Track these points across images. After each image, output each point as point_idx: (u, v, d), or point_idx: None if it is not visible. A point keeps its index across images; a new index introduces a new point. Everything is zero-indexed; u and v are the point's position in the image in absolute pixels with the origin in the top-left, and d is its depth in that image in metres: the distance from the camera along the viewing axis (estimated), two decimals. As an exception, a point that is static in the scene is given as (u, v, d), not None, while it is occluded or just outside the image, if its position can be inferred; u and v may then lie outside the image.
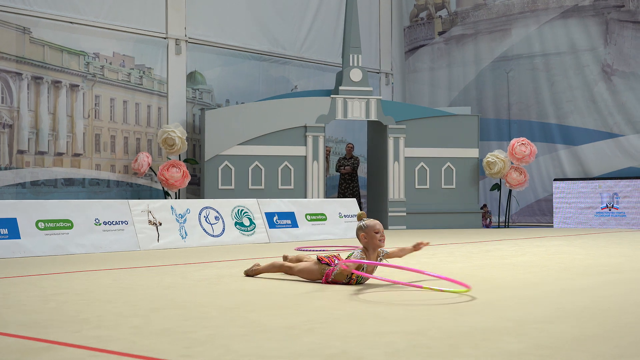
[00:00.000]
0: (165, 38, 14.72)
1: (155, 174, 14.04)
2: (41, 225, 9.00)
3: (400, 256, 5.78)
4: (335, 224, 12.27)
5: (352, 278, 5.50)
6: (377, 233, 5.45)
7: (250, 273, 6.20)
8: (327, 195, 16.74)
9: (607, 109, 16.71)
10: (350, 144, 16.55)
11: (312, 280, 5.73)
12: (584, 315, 4.09)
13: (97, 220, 9.48)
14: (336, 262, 5.59)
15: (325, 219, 12.15)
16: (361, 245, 5.54)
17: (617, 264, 7.15)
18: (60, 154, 13.28)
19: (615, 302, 4.61)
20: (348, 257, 5.52)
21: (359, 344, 3.30)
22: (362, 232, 5.48)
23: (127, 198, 13.21)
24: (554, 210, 16.07)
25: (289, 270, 5.94)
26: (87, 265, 7.48)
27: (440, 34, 19.36)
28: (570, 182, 15.92)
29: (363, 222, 5.52)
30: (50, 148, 13.15)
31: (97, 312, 4.29)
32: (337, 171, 16.49)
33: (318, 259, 5.72)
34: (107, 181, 13.88)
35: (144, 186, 14.41)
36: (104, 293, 5.19)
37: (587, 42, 17.02)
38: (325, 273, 5.59)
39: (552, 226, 16.13)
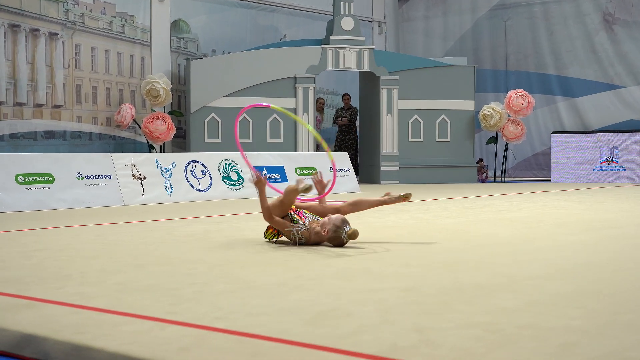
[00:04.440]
0: (148, -16, 14.29)
1: (139, 127, 13.70)
2: (21, 179, 8.88)
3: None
4: (326, 178, 11.92)
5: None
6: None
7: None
8: (321, 148, 16.45)
9: (607, 59, 16.44)
10: (347, 94, 16.20)
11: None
12: (579, 272, 4.08)
13: (79, 175, 9.36)
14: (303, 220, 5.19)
15: (316, 173, 11.86)
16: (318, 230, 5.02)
17: (615, 220, 7.13)
18: (40, 106, 12.88)
19: (612, 258, 4.59)
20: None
21: (350, 300, 3.25)
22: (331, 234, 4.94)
23: (110, 151, 12.87)
24: (551, 164, 15.88)
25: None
26: (69, 220, 7.45)
27: (436, -20, 18.90)
28: (568, 135, 15.71)
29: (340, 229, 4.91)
30: (29, 99, 12.74)
31: (80, 268, 4.23)
32: (334, 123, 16.16)
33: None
34: (89, 134, 13.52)
35: (128, 139, 14.07)
36: (87, 249, 5.13)
37: (588, -11, 16.66)
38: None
39: (549, 181, 15.95)
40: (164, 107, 13.99)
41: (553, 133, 16.08)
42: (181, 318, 2.91)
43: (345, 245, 5.02)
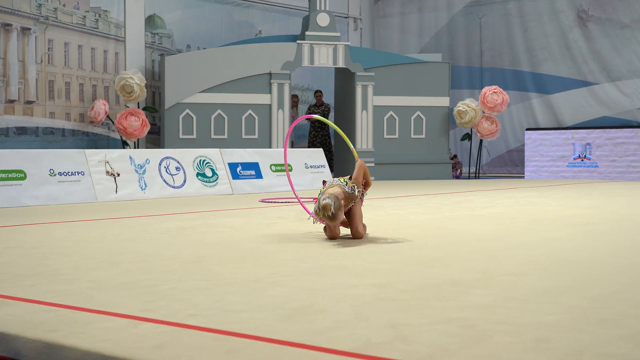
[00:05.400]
0: (122, -21, 14.17)
1: (113, 123, 13.58)
2: (-8, 176, 8.77)
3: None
4: (301, 175, 11.99)
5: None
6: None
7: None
8: (296, 144, 16.41)
9: (581, 56, 16.50)
10: (318, 90, 16.14)
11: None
12: (553, 267, 4.09)
13: (51, 171, 9.27)
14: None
15: (290, 170, 11.87)
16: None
17: (588, 216, 7.15)
18: (12, 101, 12.73)
19: (586, 254, 4.61)
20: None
21: (325, 297, 3.26)
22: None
23: (83, 148, 12.74)
24: (525, 160, 15.91)
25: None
26: (42, 217, 7.39)
27: (411, -23, 18.91)
28: (542, 132, 15.76)
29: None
30: (0, 95, 12.59)
31: (53, 265, 4.21)
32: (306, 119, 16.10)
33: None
34: (62, 130, 13.37)
35: (101, 135, 13.94)
36: (61, 246, 5.10)
37: (563, -14, 16.74)
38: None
39: (523, 177, 16.01)
40: (138, 103, 13.88)
41: (527, 130, 16.13)
42: (155, 315, 2.88)
43: (320, 215, 4.99)
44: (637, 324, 2.72)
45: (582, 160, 15.15)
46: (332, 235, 5.25)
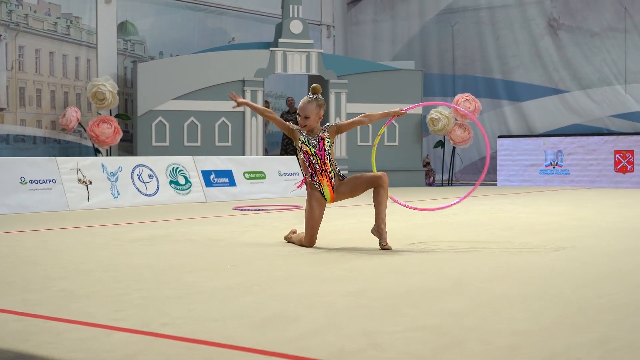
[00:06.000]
0: (94, -15, 14.08)
1: (85, 130, 13.47)
2: (-38, 184, 8.69)
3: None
4: (275, 182, 11.98)
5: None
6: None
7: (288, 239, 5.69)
8: (269, 152, 16.39)
9: (552, 64, 16.65)
10: (290, 97, 16.15)
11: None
12: (524, 275, 4.10)
13: (22, 179, 9.18)
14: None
15: (264, 177, 11.87)
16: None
17: (560, 223, 7.18)
18: (-18, 109, 12.60)
19: (557, 261, 4.62)
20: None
21: (298, 304, 3.26)
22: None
23: (54, 155, 12.62)
24: (497, 168, 15.98)
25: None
26: (12, 226, 7.32)
27: (383, -16, 18.99)
28: (514, 139, 15.86)
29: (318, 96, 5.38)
30: (-30, 102, 12.46)
31: (23, 275, 4.18)
32: (279, 127, 16.06)
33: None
34: (33, 137, 13.24)
35: (73, 143, 13.82)
36: (31, 255, 5.05)
37: (534, -5, 16.90)
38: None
39: (495, 184, 16.06)
40: (110, 110, 13.78)
41: (499, 137, 16.23)
42: (127, 324, 2.87)
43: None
44: (608, 331, 2.74)
45: (553, 168, 15.27)
46: (308, 244, 5.25)
